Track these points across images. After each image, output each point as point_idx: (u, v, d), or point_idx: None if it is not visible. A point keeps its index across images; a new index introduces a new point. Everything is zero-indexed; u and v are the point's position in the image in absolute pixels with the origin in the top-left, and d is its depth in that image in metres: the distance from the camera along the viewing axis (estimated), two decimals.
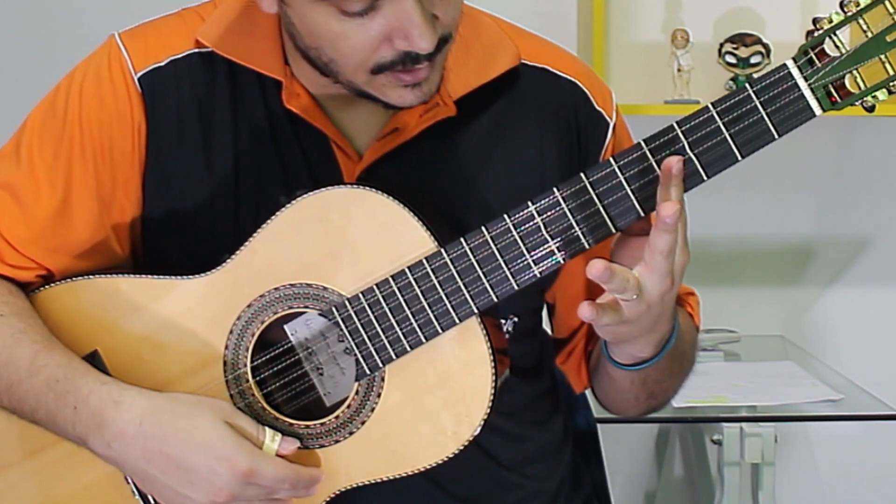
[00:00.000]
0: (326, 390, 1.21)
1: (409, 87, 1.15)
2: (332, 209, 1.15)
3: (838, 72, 1.05)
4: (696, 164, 1.07)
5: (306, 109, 1.23)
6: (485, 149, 1.27)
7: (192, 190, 1.25)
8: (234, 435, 1.14)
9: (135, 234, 1.29)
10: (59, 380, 1.17)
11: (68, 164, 1.25)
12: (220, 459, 1.12)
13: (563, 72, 1.31)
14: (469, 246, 1.12)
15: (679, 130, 1.07)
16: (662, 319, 1.13)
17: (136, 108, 1.24)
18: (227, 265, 1.19)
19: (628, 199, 1.09)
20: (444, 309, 1.13)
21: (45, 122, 1.27)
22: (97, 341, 1.22)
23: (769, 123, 1.06)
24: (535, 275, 1.11)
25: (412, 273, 1.13)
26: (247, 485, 1.13)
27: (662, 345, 1.18)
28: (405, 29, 1.09)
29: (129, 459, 1.15)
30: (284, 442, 1.16)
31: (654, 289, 1.07)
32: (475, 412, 1.14)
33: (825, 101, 1.05)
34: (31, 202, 1.25)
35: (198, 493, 1.13)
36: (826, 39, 1.05)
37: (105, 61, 1.26)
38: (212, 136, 1.25)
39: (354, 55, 1.13)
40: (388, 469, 1.18)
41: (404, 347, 1.15)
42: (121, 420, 1.14)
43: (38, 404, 1.19)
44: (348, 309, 1.15)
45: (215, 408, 1.16)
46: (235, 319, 1.19)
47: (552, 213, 1.10)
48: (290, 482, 1.15)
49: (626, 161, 1.08)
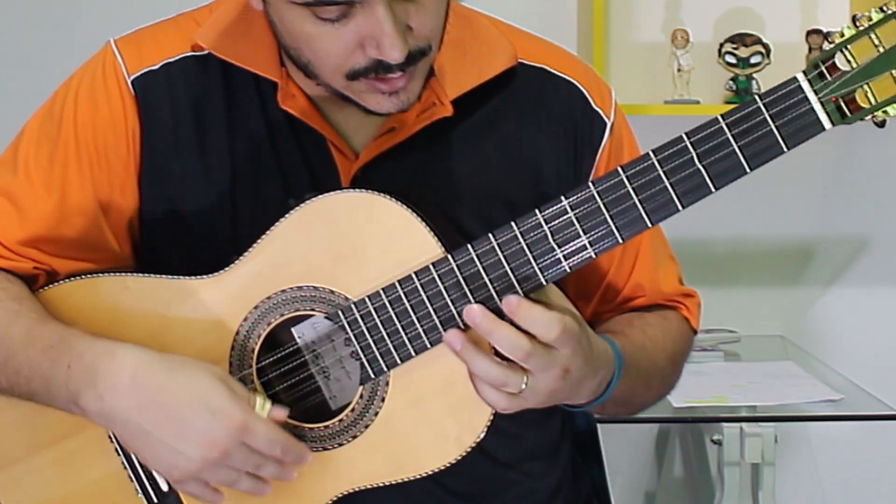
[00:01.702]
0: (332, 394, 1.21)
1: (386, 95, 1.16)
2: (340, 213, 1.15)
3: (849, 86, 1.04)
4: (703, 175, 1.07)
5: (302, 110, 1.23)
6: (481, 148, 1.27)
7: (188, 191, 1.26)
8: (229, 391, 1.13)
9: (133, 234, 1.30)
10: (53, 345, 1.17)
11: (64, 168, 1.26)
12: (216, 412, 1.11)
13: (560, 71, 1.31)
14: (476, 252, 1.11)
15: (688, 141, 1.07)
16: (583, 385, 1.14)
17: (129, 111, 1.25)
18: (234, 266, 1.19)
19: (635, 209, 1.08)
20: (450, 314, 1.12)
21: (41, 127, 1.28)
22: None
23: (778, 136, 1.06)
24: (542, 282, 1.11)
25: (418, 278, 1.13)
26: (240, 444, 1.12)
27: (601, 391, 1.18)
28: (376, 38, 1.11)
29: (120, 412, 1.13)
30: (274, 409, 1.15)
31: (547, 380, 1.09)
32: (478, 419, 1.14)
33: (835, 115, 1.04)
34: (28, 206, 1.26)
35: (191, 447, 1.12)
36: (837, 53, 1.04)
37: (100, 67, 1.27)
38: (207, 138, 1.26)
39: (329, 59, 1.15)
40: (390, 473, 1.18)
41: (409, 352, 1.14)
42: (114, 370, 1.14)
43: (32, 373, 1.18)
44: (354, 312, 1.15)
45: (210, 367, 1.15)
46: (242, 321, 1.19)
47: (559, 221, 1.10)
48: (282, 447, 1.14)
49: (633, 171, 1.08)
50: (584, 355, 1.11)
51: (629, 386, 1.22)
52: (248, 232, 1.19)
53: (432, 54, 1.18)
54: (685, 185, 1.07)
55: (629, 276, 1.34)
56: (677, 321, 1.36)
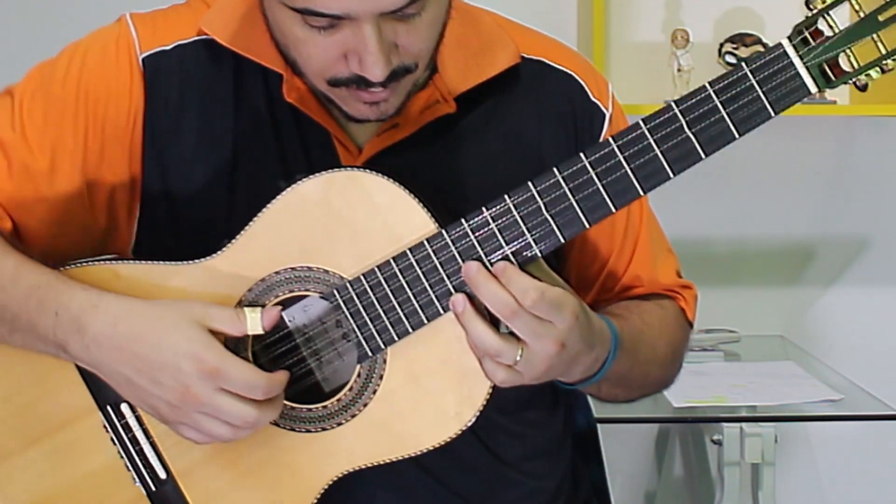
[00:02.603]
0: (324, 375, 1.21)
1: (367, 104, 1.17)
2: (332, 192, 1.16)
3: (832, 50, 1.06)
4: (693, 142, 1.08)
5: (305, 103, 1.24)
6: (484, 142, 1.28)
7: (188, 175, 1.26)
8: (204, 335, 1.13)
9: (114, 209, 1.29)
10: (40, 286, 1.18)
11: (59, 128, 1.25)
12: (187, 357, 1.12)
13: (559, 64, 1.32)
14: (470, 226, 1.12)
15: (676, 109, 1.09)
16: (578, 361, 1.14)
17: (135, 88, 1.25)
18: (226, 250, 1.19)
19: (627, 177, 1.09)
20: (446, 289, 1.13)
21: (42, 82, 1.27)
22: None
23: (765, 101, 1.07)
24: (536, 254, 1.12)
25: (413, 254, 1.13)
26: (216, 391, 1.12)
27: (597, 368, 1.18)
28: (360, 54, 1.12)
29: (105, 362, 1.16)
30: (266, 311, 1.15)
31: (541, 352, 1.10)
32: (477, 392, 1.14)
33: (820, 79, 1.06)
34: (16, 158, 1.25)
35: (167, 392, 1.13)
36: (820, 19, 1.06)
37: (113, 36, 1.27)
38: (211, 124, 1.26)
39: (312, 63, 1.16)
40: (391, 451, 1.18)
41: (406, 328, 1.15)
42: (97, 322, 1.15)
43: (19, 310, 1.19)
44: (350, 291, 1.15)
45: (188, 307, 1.15)
46: (237, 304, 1.19)
47: (553, 194, 1.11)
48: (263, 389, 1.13)
49: (624, 141, 1.09)
50: (580, 331, 1.11)
51: (626, 366, 1.22)
52: (245, 219, 1.19)
53: (418, 72, 1.19)
54: (675, 153, 1.09)
55: (628, 266, 1.35)
56: (674, 311, 1.37)
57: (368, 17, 1.10)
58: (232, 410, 1.13)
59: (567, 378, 1.18)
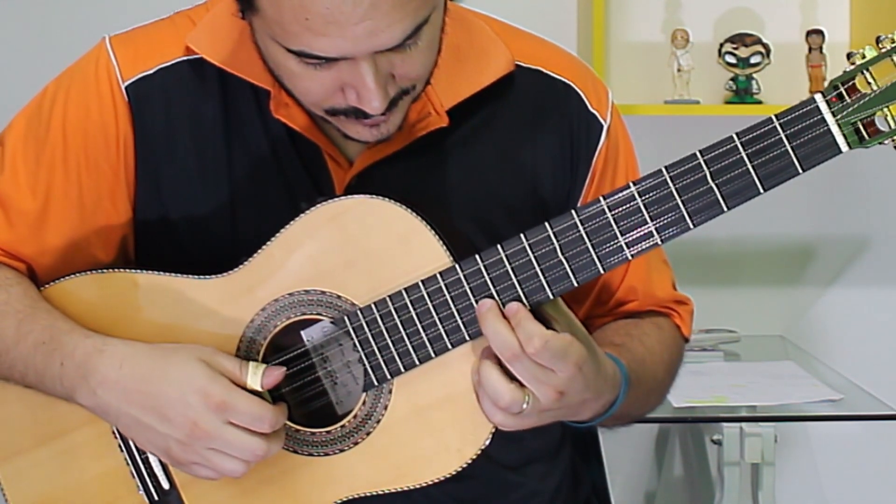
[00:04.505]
0: (339, 398, 1.21)
1: (367, 126, 1.16)
2: (350, 218, 1.15)
3: (868, 108, 1.02)
4: (716, 194, 1.06)
5: (295, 119, 1.22)
6: (476, 153, 1.26)
7: (184, 197, 1.25)
8: (209, 371, 1.14)
9: (122, 241, 1.29)
10: (44, 342, 1.19)
11: (50, 172, 1.25)
12: (194, 392, 1.12)
13: (556, 73, 1.29)
14: (484, 263, 1.11)
15: (702, 159, 1.06)
16: (584, 408, 1.14)
17: (121, 118, 1.24)
18: (243, 267, 1.19)
19: (646, 225, 1.08)
20: (455, 325, 1.12)
21: (29, 125, 1.27)
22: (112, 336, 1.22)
23: (794, 157, 1.04)
24: (549, 296, 1.11)
25: (425, 287, 1.12)
26: (225, 424, 1.12)
27: (604, 411, 1.18)
28: (357, 89, 1.11)
29: (112, 404, 1.16)
30: (268, 370, 1.15)
31: (540, 398, 1.09)
32: (480, 430, 1.14)
33: (852, 137, 1.03)
34: (12, 207, 1.26)
35: (175, 429, 1.13)
36: (858, 75, 1.02)
37: (92, 67, 1.26)
38: (204, 144, 1.25)
39: (309, 96, 1.15)
40: (390, 481, 1.18)
41: (413, 361, 1.14)
42: (103, 366, 1.16)
43: (26, 369, 1.20)
44: (360, 319, 1.15)
45: (194, 349, 1.16)
46: (249, 322, 1.19)
47: (569, 236, 1.09)
48: (269, 421, 1.13)
49: (644, 187, 1.07)
50: (585, 381, 1.10)
51: (630, 402, 1.22)
52: (251, 236, 1.19)
53: (416, 92, 1.17)
54: (697, 204, 1.07)
55: (622, 279, 1.33)
56: (671, 330, 1.36)
57: (365, 55, 1.09)
58: (240, 443, 1.13)
59: (574, 419, 1.17)
